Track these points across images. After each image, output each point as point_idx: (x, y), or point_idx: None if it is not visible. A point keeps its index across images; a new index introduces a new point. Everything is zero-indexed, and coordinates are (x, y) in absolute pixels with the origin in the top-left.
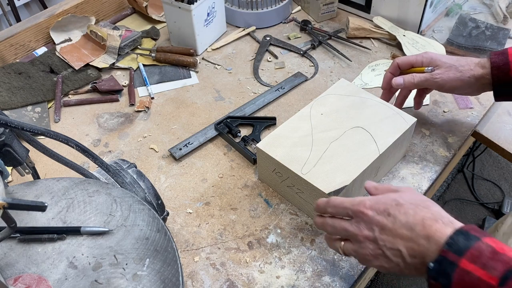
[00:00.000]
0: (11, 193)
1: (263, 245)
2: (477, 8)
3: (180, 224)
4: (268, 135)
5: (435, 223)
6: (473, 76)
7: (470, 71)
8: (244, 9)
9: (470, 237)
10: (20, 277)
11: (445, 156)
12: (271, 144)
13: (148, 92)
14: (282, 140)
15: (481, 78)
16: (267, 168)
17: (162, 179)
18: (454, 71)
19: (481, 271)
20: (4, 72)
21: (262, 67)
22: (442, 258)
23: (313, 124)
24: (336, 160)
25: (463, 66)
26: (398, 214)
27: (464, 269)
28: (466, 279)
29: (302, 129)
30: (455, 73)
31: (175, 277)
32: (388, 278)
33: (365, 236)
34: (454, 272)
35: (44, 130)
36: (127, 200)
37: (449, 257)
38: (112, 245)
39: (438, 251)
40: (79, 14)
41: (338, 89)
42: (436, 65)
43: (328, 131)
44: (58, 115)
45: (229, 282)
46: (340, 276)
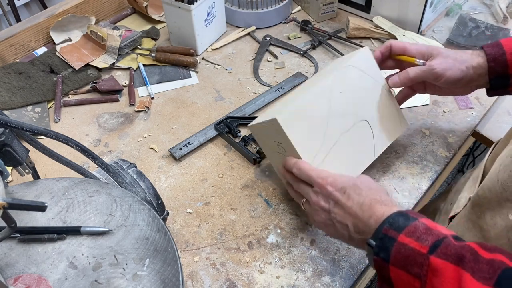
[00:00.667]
0: (11, 193)
1: (263, 245)
2: (477, 8)
3: (180, 224)
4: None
5: (380, 205)
6: (471, 66)
7: (467, 60)
8: (244, 9)
9: (409, 217)
10: (20, 277)
11: (445, 156)
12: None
13: (148, 92)
14: (299, 118)
15: (478, 67)
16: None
17: (162, 179)
18: (452, 60)
19: (415, 243)
20: (4, 72)
21: (262, 67)
22: (384, 236)
23: (331, 105)
24: (340, 158)
25: (460, 55)
26: (353, 194)
27: (401, 242)
28: (402, 251)
29: (319, 108)
30: (453, 63)
31: (175, 277)
32: None
33: (321, 206)
34: (393, 246)
35: (44, 130)
36: (127, 200)
37: (389, 234)
38: (112, 245)
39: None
40: (79, 14)
41: (361, 62)
42: (432, 54)
43: (342, 118)
44: (58, 115)
45: (229, 282)
46: (340, 276)
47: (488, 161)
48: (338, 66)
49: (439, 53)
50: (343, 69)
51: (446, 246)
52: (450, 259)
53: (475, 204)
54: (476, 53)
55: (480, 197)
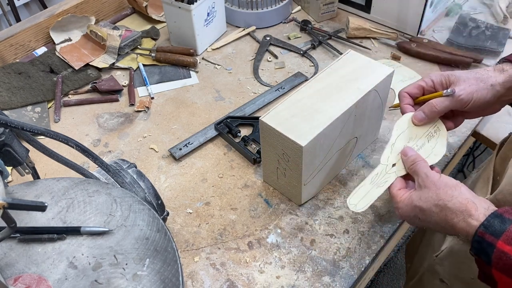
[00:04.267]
0: (11, 193)
1: (263, 245)
2: (477, 8)
3: (180, 224)
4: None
5: (457, 222)
6: (497, 83)
7: (491, 78)
8: (244, 9)
9: (504, 219)
10: (20, 277)
11: (445, 156)
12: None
13: (148, 92)
14: (316, 143)
15: (505, 83)
16: (281, 145)
17: (162, 179)
18: (475, 81)
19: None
20: (4, 72)
21: (262, 67)
22: (480, 239)
23: (343, 128)
24: (325, 171)
25: (480, 73)
26: (426, 218)
27: (502, 250)
28: (504, 259)
29: (334, 132)
30: (476, 83)
31: (175, 277)
32: (388, 278)
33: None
34: (493, 252)
35: (44, 130)
36: (127, 200)
37: (486, 238)
38: (112, 245)
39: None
40: (79, 14)
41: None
42: (450, 80)
43: (344, 138)
44: (58, 115)
45: (229, 282)
46: (340, 276)
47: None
48: (361, 81)
49: (458, 78)
50: (366, 91)
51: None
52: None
53: None
54: (499, 68)
55: (500, 201)
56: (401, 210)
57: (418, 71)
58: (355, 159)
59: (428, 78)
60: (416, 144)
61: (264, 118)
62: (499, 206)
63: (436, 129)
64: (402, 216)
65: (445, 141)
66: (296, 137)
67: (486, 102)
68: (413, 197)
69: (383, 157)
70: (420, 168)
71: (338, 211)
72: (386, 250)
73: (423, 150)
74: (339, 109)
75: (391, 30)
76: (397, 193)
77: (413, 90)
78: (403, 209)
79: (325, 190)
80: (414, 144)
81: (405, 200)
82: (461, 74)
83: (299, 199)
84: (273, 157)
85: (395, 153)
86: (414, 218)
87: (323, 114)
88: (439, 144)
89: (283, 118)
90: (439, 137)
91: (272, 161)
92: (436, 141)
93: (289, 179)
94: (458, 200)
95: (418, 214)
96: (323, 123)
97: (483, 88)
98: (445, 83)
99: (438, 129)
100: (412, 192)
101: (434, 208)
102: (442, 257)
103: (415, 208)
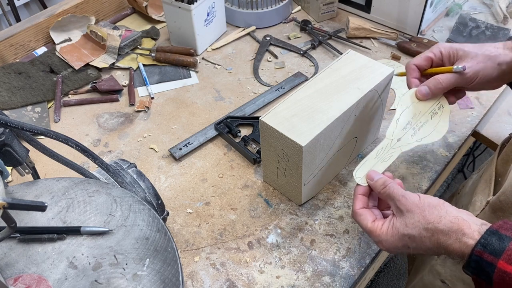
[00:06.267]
0: (11, 193)
1: (263, 245)
2: (477, 8)
3: (180, 224)
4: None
5: (451, 244)
6: (504, 62)
7: (500, 56)
8: (244, 9)
9: (502, 237)
10: (20, 277)
11: (445, 156)
12: (310, 147)
13: (148, 92)
14: (316, 143)
15: None
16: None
17: (162, 179)
18: (483, 58)
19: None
20: (4, 72)
21: (262, 67)
22: (479, 259)
23: (343, 128)
24: (323, 173)
25: (489, 51)
26: (417, 245)
27: (503, 270)
28: (506, 279)
29: (334, 132)
30: (484, 61)
31: (175, 277)
32: (388, 278)
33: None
34: (494, 272)
35: (44, 130)
36: (127, 200)
37: (485, 258)
38: (112, 245)
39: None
40: (79, 14)
41: (381, 85)
42: (459, 55)
43: (343, 138)
44: (58, 115)
45: (229, 282)
46: (340, 276)
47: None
48: (361, 81)
49: (467, 54)
50: (366, 91)
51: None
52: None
53: (497, 209)
54: (510, 45)
55: (502, 202)
56: (386, 243)
57: None
58: (355, 159)
59: (437, 50)
60: (419, 120)
61: (264, 118)
62: (502, 208)
63: (439, 106)
64: (388, 249)
65: (447, 119)
66: (296, 137)
67: (491, 80)
68: (397, 226)
69: (388, 131)
70: (394, 190)
71: (338, 211)
72: None
73: (426, 127)
74: (339, 109)
75: (391, 30)
76: (374, 226)
77: (422, 62)
78: (388, 241)
79: (325, 190)
80: (418, 120)
81: (387, 231)
82: (470, 50)
83: (299, 199)
84: (273, 157)
85: (399, 128)
86: (403, 248)
87: (323, 114)
88: (442, 121)
89: (283, 118)
90: (443, 114)
91: (272, 161)
92: (439, 118)
93: (289, 179)
94: (448, 219)
95: (408, 243)
96: (323, 123)
97: (490, 67)
98: (453, 57)
99: (441, 106)
100: (392, 220)
101: (424, 232)
102: (443, 258)
103: (403, 237)
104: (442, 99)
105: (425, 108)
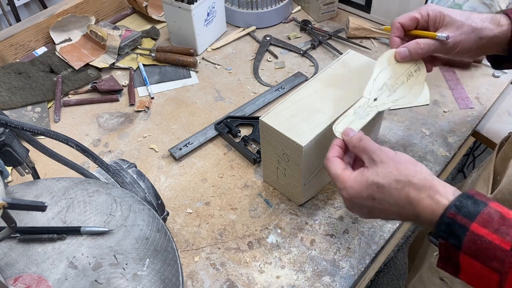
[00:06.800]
0: (11, 193)
1: (263, 245)
2: (477, 8)
3: (180, 224)
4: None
5: (421, 200)
6: (487, 36)
7: (485, 30)
8: (244, 9)
9: (477, 202)
10: (20, 277)
11: (445, 156)
12: (311, 147)
13: (148, 92)
14: (317, 144)
15: (494, 37)
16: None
17: (162, 179)
18: (467, 29)
19: (493, 235)
20: (4, 72)
21: (262, 67)
22: (451, 221)
23: None
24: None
25: (476, 23)
26: (383, 197)
27: (476, 233)
28: (477, 242)
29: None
30: (468, 32)
31: (175, 277)
32: (388, 278)
33: (357, 213)
34: (465, 235)
35: (44, 130)
36: (127, 200)
37: (458, 220)
38: (112, 245)
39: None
40: (79, 14)
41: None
42: (445, 21)
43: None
44: (58, 115)
45: (229, 282)
46: (340, 276)
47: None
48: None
49: (453, 22)
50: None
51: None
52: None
53: None
54: (496, 20)
55: (500, 200)
56: (350, 190)
57: None
58: None
59: (425, 11)
60: (396, 82)
61: (264, 118)
62: None
63: (416, 68)
64: (351, 198)
65: (423, 83)
66: (296, 137)
67: (470, 51)
68: (366, 174)
69: (365, 91)
70: (371, 144)
71: (338, 211)
72: (386, 250)
73: (402, 89)
74: (339, 109)
75: None
76: (343, 173)
77: (407, 21)
78: (353, 188)
79: (325, 190)
80: (394, 82)
81: (355, 178)
82: (457, 18)
83: (299, 199)
84: (273, 157)
85: (376, 88)
86: (367, 199)
87: (323, 114)
88: (416, 85)
89: (283, 118)
90: (418, 77)
91: (272, 161)
92: (415, 81)
93: (289, 179)
94: (422, 176)
95: (374, 193)
96: (323, 123)
97: (472, 39)
98: (439, 22)
99: (418, 69)
100: (363, 171)
101: (395, 184)
102: None
103: (371, 186)
104: (419, 63)
105: (402, 69)
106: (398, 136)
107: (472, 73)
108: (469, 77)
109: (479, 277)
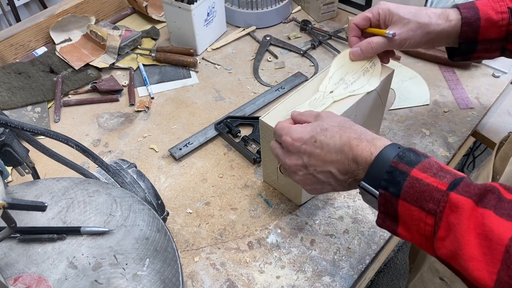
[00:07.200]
0: (11, 193)
1: (263, 245)
2: None
3: (180, 224)
4: None
5: (360, 142)
6: (434, 31)
7: (431, 25)
8: (244, 9)
9: (419, 154)
10: (20, 277)
11: (445, 156)
12: None
13: (148, 92)
14: None
15: (442, 32)
16: None
17: (162, 179)
18: (415, 26)
19: (432, 179)
20: (4, 72)
21: (262, 67)
22: (393, 169)
23: None
24: None
25: (422, 19)
26: (325, 139)
27: (415, 177)
28: (416, 185)
29: None
30: (415, 29)
31: (175, 277)
32: (388, 278)
33: (295, 164)
34: (405, 180)
35: (44, 130)
36: (127, 200)
37: (400, 168)
38: (112, 245)
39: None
40: (79, 14)
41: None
42: (392, 20)
43: None
44: (58, 115)
45: (229, 282)
46: (340, 276)
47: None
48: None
49: (400, 20)
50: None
51: (468, 185)
52: (473, 197)
53: None
54: (445, 15)
55: None
56: (294, 132)
57: (418, 71)
58: None
59: (376, 10)
60: (352, 77)
61: (264, 118)
62: None
63: (372, 64)
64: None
65: (378, 76)
66: None
67: (419, 45)
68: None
69: (321, 86)
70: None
71: (338, 211)
72: (386, 250)
73: (358, 82)
74: (339, 109)
75: None
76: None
77: (361, 21)
78: (297, 130)
79: None
80: (351, 77)
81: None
82: (404, 16)
83: (299, 199)
84: (273, 157)
85: (332, 83)
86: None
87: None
88: (373, 77)
89: (283, 118)
90: (374, 71)
91: (272, 161)
92: (371, 75)
93: (289, 179)
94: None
95: (317, 134)
96: None
97: (419, 35)
98: (388, 20)
99: (373, 65)
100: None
101: (337, 128)
102: None
103: (315, 128)
104: (374, 58)
105: (358, 66)
106: (398, 136)
107: (472, 73)
108: (469, 77)
109: (416, 224)
